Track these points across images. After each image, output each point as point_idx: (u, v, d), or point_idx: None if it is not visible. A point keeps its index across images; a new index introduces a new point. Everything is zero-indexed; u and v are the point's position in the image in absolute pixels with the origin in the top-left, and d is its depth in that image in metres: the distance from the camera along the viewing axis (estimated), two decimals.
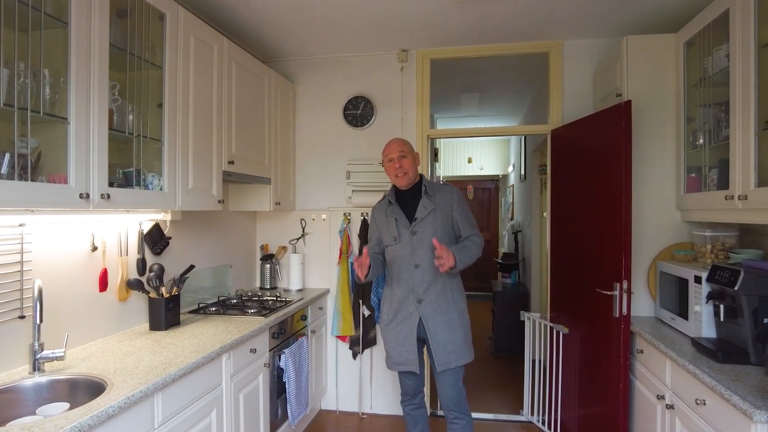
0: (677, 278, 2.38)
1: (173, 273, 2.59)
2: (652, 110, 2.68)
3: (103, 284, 2.17)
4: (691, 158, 2.55)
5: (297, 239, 3.72)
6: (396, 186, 2.50)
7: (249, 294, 3.32)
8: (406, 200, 2.47)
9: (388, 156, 2.45)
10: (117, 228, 2.28)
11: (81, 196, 1.66)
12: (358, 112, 3.61)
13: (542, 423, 3.32)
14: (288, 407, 2.79)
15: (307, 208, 3.73)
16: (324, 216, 3.68)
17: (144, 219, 2.41)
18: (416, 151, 2.53)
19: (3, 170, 1.46)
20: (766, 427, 1.42)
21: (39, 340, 1.72)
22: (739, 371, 1.75)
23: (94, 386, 1.64)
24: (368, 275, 2.33)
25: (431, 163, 4.56)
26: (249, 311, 2.73)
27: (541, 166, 4.81)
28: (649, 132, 2.70)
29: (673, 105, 2.66)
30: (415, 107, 3.54)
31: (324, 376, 3.60)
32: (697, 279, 2.18)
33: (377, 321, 3.43)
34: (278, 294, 3.30)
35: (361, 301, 3.44)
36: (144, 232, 2.43)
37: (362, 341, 3.48)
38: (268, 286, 3.60)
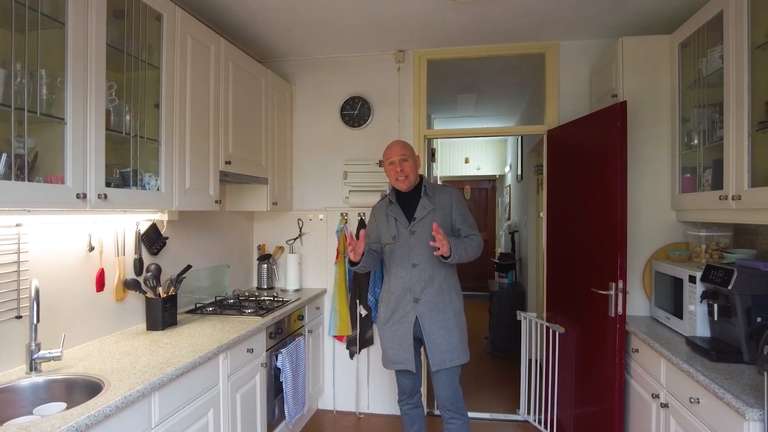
0: (672, 278, 2.39)
1: (170, 273, 2.59)
2: (648, 111, 2.70)
3: (100, 284, 2.17)
4: (686, 158, 2.57)
5: (294, 239, 3.72)
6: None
7: (246, 294, 3.32)
8: (407, 200, 2.49)
9: (390, 159, 2.45)
10: (114, 228, 2.28)
11: (78, 197, 1.66)
12: (355, 113, 3.61)
13: (539, 422, 3.33)
14: (285, 407, 2.80)
15: (305, 209, 3.73)
16: (321, 216, 3.69)
17: (141, 219, 2.41)
18: (417, 154, 2.54)
19: (0, 170, 1.46)
20: (759, 425, 1.43)
21: (36, 340, 1.72)
22: (733, 370, 1.77)
23: (91, 386, 1.65)
24: (361, 263, 2.36)
25: (428, 164, 4.56)
26: (246, 311, 2.74)
27: (538, 167, 4.82)
28: (645, 132, 2.71)
29: (668, 106, 2.68)
30: (412, 107, 3.55)
31: (321, 376, 3.61)
32: (692, 278, 2.19)
33: (374, 321, 3.44)
34: (275, 294, 3.30)
35: (358, 301, 3.44)
36: (141, 233, 2.43)
37: (359, 341, 3.49)
38: (265, 286, 3.60)
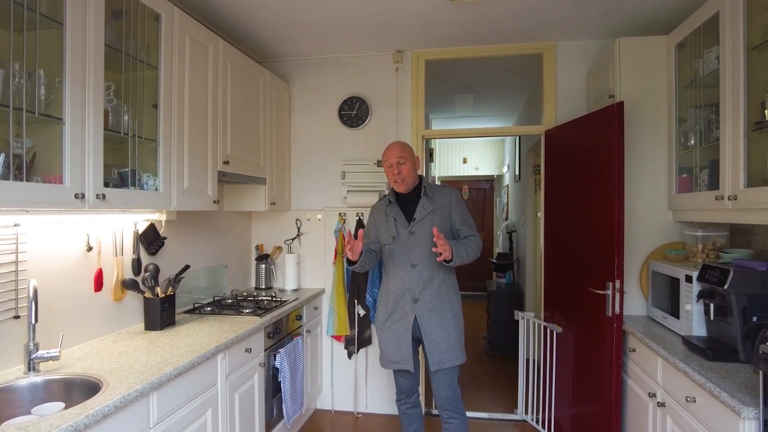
0: (669, 277, 2.40)
1: (168, 273, 2.59)
2: (645, 111, 2.71)
3: (99, 284, 2.18)
4: (683, 159, 2.58)
5: (292, 239, 3.72)
6: None
7: (244, 294, 3.32)
8: (406, 201, 2.49)
9: (388, 161, 2.44)
10: (112, 228, 2.28)
11: (76, 197, 1.66)
12: (354, 113, 3.62)
13: (536, 422, 3.34)
14: (283, 407, 2.80)
15: (303, 209, 3.73)
16: (319, 216, 3.69)
17: (139, 219, 2.41)
18: (417, 155, 2.53)
19: None
20: (754, 423, 1.44)
21: (34, 340, 1.73)
22: (729, 369, 1.78)
23: (90, 386, 1.65)
24: (359, 262, 2.35)
25: (426, 164, 4.57)
26: (244, 311, 2.74)
27: (536, 167, 4.83)
28: (642, 133, 2.72)
29: (665, 106, 2.69)
30: (410, 108, 3.56)
31: (319, 376, 3.61)
32: (688, 278, 2.20)
33: (372, 321, 3.44)
34: (273, 294, 3.30)
35: (357, 301, 3.45)
36: (139, 233, 2.43)
37: (357, 341, 3.49)
38: (264, 286, 3.60)
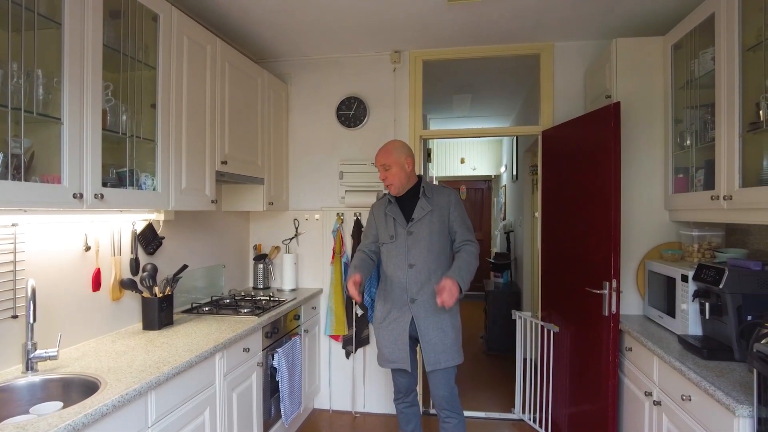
0: (665, 277, 2.42)
1: (166, 273, 2.59)
2: (641, 112, 2.73)
3: (96, 284, 2.18)
4: (679, 159, 2.60)
5: (290, 239, 3.73)
6: None
7: (242, 294, 3.32)
8: (405, 200, 2.51)
9: (376, 165, 2.52)
10: (110, 228, 2.28)
11: (74, 196, 1.66)
12: (351, 113, 3.62)
13: (533, 421, 3.35)
14: (281, 406, 2.81)
15: (301, 208, 3.74)
16: (317, 216, 3.69)
17: (137, 219, 2.42)
18: (407, 157, 2.46)
19: None
20: (748, 421, 1.45)
21: (32, 340, 1.73)
22: (724, 367, 1.79)
23: (88, 385, 1.65)
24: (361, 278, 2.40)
25: (424, 164, 4.58)
26: (242, 311, 2.74)
27: (533, 167, 4.85)
28: (638, 133, 2.74)
29: (661, 106, 2.70)
30: (408, 108, 3.57)
31: (317, 376, 3.61)
32: (684, 278, 2.22)
33: (370, 320, 3.45)
34: (271, 294, 3.31)
35: (354, 301, 3.45)
36: (137, 232, 2.43)
37: (355, 340, 3.50)
38: (261, 286, 3.61)
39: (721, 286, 1.90)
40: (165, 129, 2.21)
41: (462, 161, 7.93)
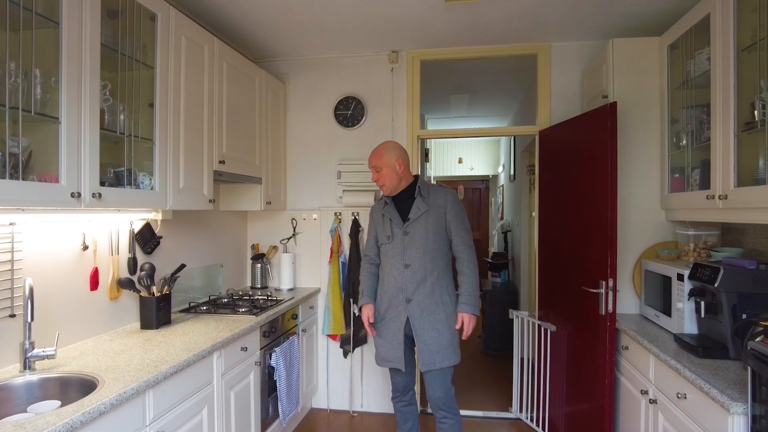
0: (661, 276, 2.43)
1: (164, 272, 2.60)
2: (637, 112, 2.74)
3: (94, 283, 2.18)
4: (675, 159, 2.61)
5: (288, 239, 3.73)
6: None
7: (240, 293, 3.32)
8: (402, 201, 2.52)
9: (369, 167, 2.55)
10: (108, 227, 2.28)
11: (72, 195, 1.67)
12: (349, 113, 3.63)
13: (531, 420, 3.36)
14: (279, 405, 2.81)
15: (298, 208, 3.74)
16: (315, 215, 3.70)
17: (135, 218, 2.42)
18: (398, 157, 2.46)
19: None
20: (743, 419, 1.47)
21: (30, 339, 1.73)
22: (719, 365, 1.80)
23: (86, 384, 1.65)
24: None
25: (422, 164, 4.59)
26: (240, 310, 2.74)
27: (530, 167, 4.86)
28: (635, 133, 2.75)
29: (658, 106, 2.72)
30: (406, 108, 3.58)
31: (315, 375, 3.62)
32: (680, 277, 2.23)
33: None
34: (269, 293, 3.31)
35: (352, 300, 3.46)
36: (135, 232, 2.44)
37: (353, 340, 3.50)
38: (259, 286, 3.61)
39: (717, 285, 1.91)
40: (163, 128, 2.21)
41: (460, 161, 7.93)
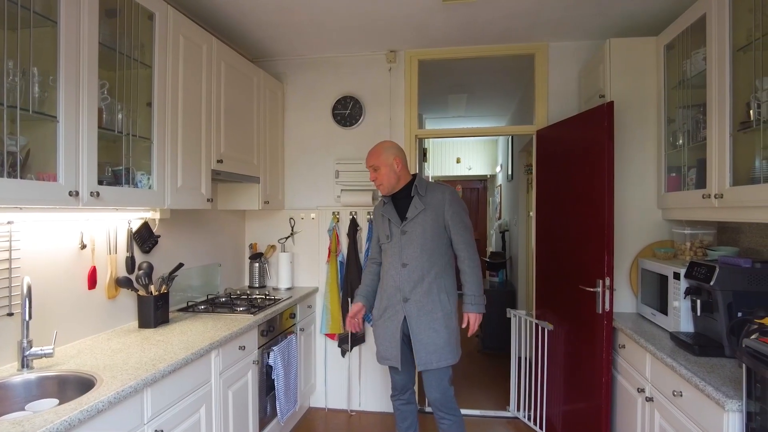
0: (658, 275, 2.44)
1: (162, 271, 2.60)
2: (634, 111, 2.75)
3: (92, 282, 2.18)
4: (672, 158, 2.62)
5: (286, 238, 3.73)
6: None
7: (238, 292, 3.33)
8: (400, 200, 2.52)
9: (367, 167, 2.57)
10: (106, 226, 2.28)
11: (70, 194, 1.67)
12: (347, 112, 3.63)
13: (528, 419, 3.37)
14: (277, 404, 2.81)
15: (296, 207, 3.74)
16: (313, 215, 3.70)
17: (133, 217, 2.42)
18: (395, 157, 2.47)
19: None
20: (738, 416, 1.48)
21: (28, 337, 1.73)
22: (714, 363, 1.82)
23: (84, 382, 1.66)
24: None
25: (420, 163, 4.60)
26: (238, 309, 2.75)
27: (528, 166, 4.87)
28: (631, 132, 2.76)
29: (654, 106, 2.73)
30: (404, 107, 3.58)
31: (313, 374, 3.62)
32: (676, 275, 2.24)
33: (365, 319, 3.46)
34: (267, 292, 3.32)
35: (350, 300, 3.46)
36: (133, 231, 2.44)
37: (351, 339, 3.51)
38: (257, 285, 3.61)
39: (712, 284, 1.92)
40: (161, 127, 2.21)
41: (458, 161, 7.95)
